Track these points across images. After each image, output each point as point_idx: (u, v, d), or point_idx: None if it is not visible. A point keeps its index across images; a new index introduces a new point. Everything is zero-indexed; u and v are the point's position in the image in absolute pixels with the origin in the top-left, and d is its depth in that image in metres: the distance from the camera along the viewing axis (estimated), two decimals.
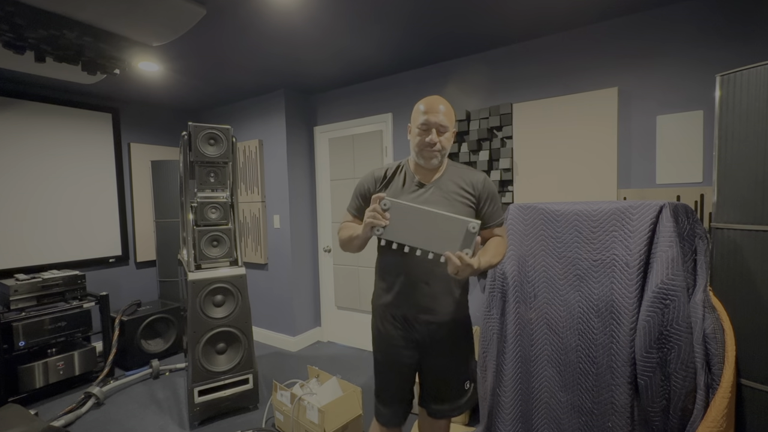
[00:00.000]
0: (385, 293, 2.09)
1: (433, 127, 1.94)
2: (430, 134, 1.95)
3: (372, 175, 2.13)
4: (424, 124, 1.95)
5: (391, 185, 2.07)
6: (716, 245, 2.30)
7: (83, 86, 4.49)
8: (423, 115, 1.95)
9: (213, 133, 3.48)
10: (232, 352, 3.48)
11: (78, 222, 4.83)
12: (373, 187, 2.09)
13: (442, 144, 1.97)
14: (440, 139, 1.96)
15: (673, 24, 3.05)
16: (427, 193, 2.01)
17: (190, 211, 3.51)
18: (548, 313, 2.40)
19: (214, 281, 3.41)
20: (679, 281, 2.01)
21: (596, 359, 2.18)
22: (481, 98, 3.92)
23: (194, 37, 3.31)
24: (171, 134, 5.80)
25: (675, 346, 1.97)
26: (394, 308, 2.05)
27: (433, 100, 1.97)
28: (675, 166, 3.05)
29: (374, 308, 2.17)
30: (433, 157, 1.99)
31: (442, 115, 1.95)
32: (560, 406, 2.32)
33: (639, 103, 3.18)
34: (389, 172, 2.11)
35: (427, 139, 1.95)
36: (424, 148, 1.97)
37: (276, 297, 5.22)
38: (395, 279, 2.03)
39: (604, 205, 2.29)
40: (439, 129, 1.95)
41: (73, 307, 4.04)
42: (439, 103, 1.97)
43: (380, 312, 2.12)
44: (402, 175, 2.09)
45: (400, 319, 2.06)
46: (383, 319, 2.10)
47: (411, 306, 2.01)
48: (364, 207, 2.06)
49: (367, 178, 2.13)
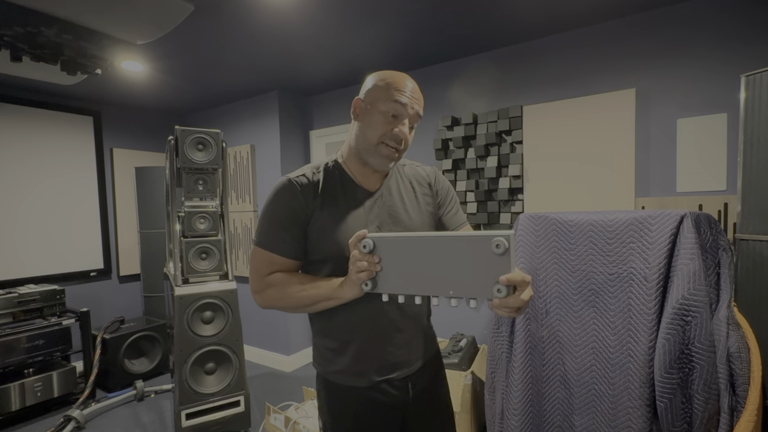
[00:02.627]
0: (335, 355, 1.54)
1: (408, 116, 1.47)
2: (403, 125, 1.47)
3: (295, 187, 1.48)
4: (400, 107, 1.45)
5: (327, 197, 1.50)
6: (741, 258, 2.30)
7: (62, 87, 4.52)
8: (394, 96, 1.45)
9: (201, 137, 3.50)
10: (222, 372, 3.48)
11: (56, 233, 4.86)
12: (305, 204, 1.47)
13: (407, 143, 1.51)
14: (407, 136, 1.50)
15: (694, 20, 3.06)
16: (378, 206, 1.55)
17: (176, 222, 3.53)
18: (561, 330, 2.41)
19: (203, 296, 3.42)
20: (701, 296, 2.02)
21: (612, 380, 2.19)
22: (489, 100, 3.94)
23: (181, 35, 3.34)
24: (156, 139, 5.83)
25: (697, 365, 1.97)
26: (354, 376, 1.53)
27: (405, 78, 1.50)
28: (697, 173, 3.07)
29: (321, 378, 1.62)
30: (392, 159, 1.50)
31: (419, 106, 1.51)
32: (574, 430, 2.32)
33: (658, 106, 3.20)
34: (317, 178, 1.52)
35: (396, 130, 1.46)
36: (385, 142, 1.47)
37: (269, 313, 5.21)
38: (352, 334, 1.52)
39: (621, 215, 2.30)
40: (414, 121, 1.51)
41: (51, 324, 4.04)
42: (412, 83, 1.51)
43: (332, 384, 1.58)
44: (336, 181, 1.54)
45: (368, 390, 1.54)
46: (338, 396, 1.57)
47: (380, 367, 1.53)
48: (301, 240, 1.50)
49: (291, 194, 1.48)
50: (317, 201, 1.48)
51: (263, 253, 1.49)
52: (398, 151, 1.49)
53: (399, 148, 1.48)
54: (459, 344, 3.48)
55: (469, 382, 3.13)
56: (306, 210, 1.47)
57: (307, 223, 1.48)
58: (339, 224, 1.45)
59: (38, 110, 4.74)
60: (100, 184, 5.23)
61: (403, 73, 1.51)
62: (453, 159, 4.04)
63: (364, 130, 1.49)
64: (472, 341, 3.62)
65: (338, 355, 1.53)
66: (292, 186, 1.48)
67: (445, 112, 4.17)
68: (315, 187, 1.49)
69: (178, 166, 3.48)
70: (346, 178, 1.55)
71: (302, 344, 5.26)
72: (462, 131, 3.94)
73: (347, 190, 1.53)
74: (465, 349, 3.42)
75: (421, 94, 1.53)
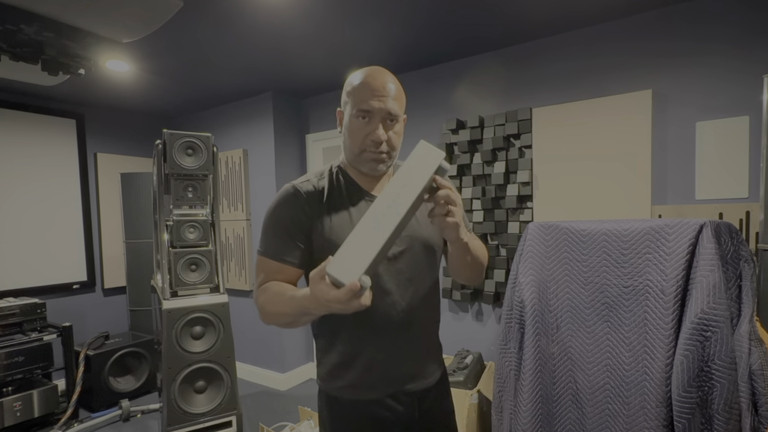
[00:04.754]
0: (344, 369, 1.55)
1: (380, 116, 1.46)
2: (376, 128, 1.47)
3: (300, 194, 1.53)
4: (365, 112, 1.46)
5: (332, 204, 1.54)
6: (764, 269, 2.31)
7: (43, 88, 4.52)
8: (359, 102, 1.47)
9: (191, 141, 3.51)
10: (212, 391, 3.48)
11: (37, 243, 4.87)
12: (310, 212, 1.52)
13: (392, 142, 1.51)
14: (389, 134, 1.50)
15: (715, 17, 3.07)
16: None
17: (164, 231, 3.54)
18: (572, 346, 2.41)
19: (193, 310, 3.42)
20: (721, 310, 2.02)
21: (627, 399, 2.19)
22: (497, 102, 3.96)
23: (170, 33, 3.36)
24: (143, 143, 5.86)
25: (717, 384, 1.98)
26: (363, 389, 1.55)
27: (378, 73, 1.50)
28: (717, 179, 3.08)
29: (325, 394, 1.63)
30: (380, 162, 1.52)
31: (392, 99, 1.47)
32: None
33: (676, 108, 3.21)
34: (322, 184, 1.58)
35: (371, 136, 1.47)
36: (366, 149, 1.50)
37: (263, 328, 5.22)
38: (360, 346, 1.54)
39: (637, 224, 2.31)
40: (388, 119, 1.48)
41: (31, 340, 4.05)
42: (386, 77, 1.50)
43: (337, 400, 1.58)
44: (341, 187, 1.59)
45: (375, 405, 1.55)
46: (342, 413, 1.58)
47: (392, 379, 1.56)
48: (306, 249, 1.53)
49: (295, 202, 1.52)
50: (322, 208, 1.52)
51: (264, 260, 1.53)
52: (383, 153, 1.50)
53: (383, 151, 1.50)
54: (464, 361, 3.48)
55: (475, 401, 3.13)
56: (311, 218, 1.51)
57: (312, 230, 1.51)
58: (345, 231, 1.39)
59: (17, 113, 4.76)
60: (84, 191, 5.24)
61: (373, 69, 1.52)
62: (458, 164, 4.05)
63: (347, 141, 1.55)
64: (478, 358, 3.63)
65: (347, 369, 1.54)
66: (297, 193, 1.52)
67: (449, 114, 4.19)
68: (320, 194, 1.54)
69: (166, 172, 3.49)
70: (351, 183, 1.60)
71: (298, 361, 5.26)
72: (467, 135, 3.96)
73: (352, 195, 1.57)
74: (471, 366, 3.42)
75: (396, 84, 1.52)
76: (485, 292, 3.87)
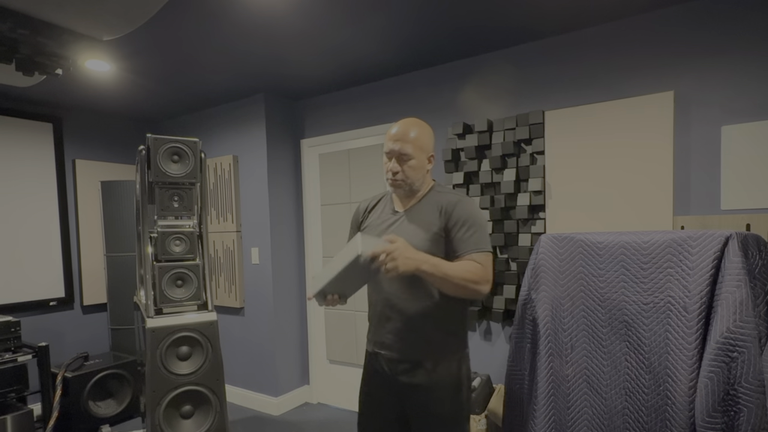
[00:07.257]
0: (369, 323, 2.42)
1: (394, 155, 2.22)
2: (389, 162, 2.24)
3: (362, 203, 2.55)
4: (386, 152, 2.25)
5: (371, 215, 2.46)
6: None
7: (17, 90, 4.53)
8: (386, 141, 2.25)
9: (177, 147, 3.52)
10: (200, 416, 3.48)
11: (11, 257, 4.87)
12: (358, 219, 2.52)
13: (405, 174, 2.21)
14: (403, 167, 2.20)
15: (741, 14, 3.06)
16: (396, 223, 2.29)
17: (148, 244, 3.54)
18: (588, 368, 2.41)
19: (179, 329, 3.42)
20: (749, 329, 2.03)
21: (647, 425, 2.19)
22: (507, 105, 3.96)
23: (154, 30, 3.36)
24: (125, 149, 5.88)
25: (744, 408, 1.98)
26: (368, 341, 2.41)
27: (401, 125, 2.25)
28: (744, 187, 3.08)
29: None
30: (396, 187, 2.27)
31: (403, 143, 2.19)
32: None
33: (700, 111, 3.21)
34: (375, 201, 2.51)
35: (389, 169, 2.24)
36: (388, 178, 2.26)
37: (254, 349, 5.22)
38: (371, 310, 2.38)
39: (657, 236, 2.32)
40: (401, 157, 2.20)
41: (5, 361, 4.03)
42: (407, 127, 2.23)
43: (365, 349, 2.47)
44: (383, 203, 2.46)
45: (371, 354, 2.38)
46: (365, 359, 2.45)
47: (376, 341, 2.33)
48: None
49: (358, 208, 2.56)
50: (364, 216, 2.49)
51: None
52: (396, 180, 2.23)
53: (397, 179, 2.22)
54: (472, 384, 3.47)
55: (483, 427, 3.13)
56: (357, 223, 2.51)
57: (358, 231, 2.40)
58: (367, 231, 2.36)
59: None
60: (61, 200, 5.24)
61: (406, 120, 2.29)
62: (464, 172, 4.05)
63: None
64: (487, 380, 3.62)
65: (369, 323, 2.40)
66: (357, 207, 2.56)
67: (455, 118, 4.20)
68: (367, 207, 2.50)
69: (150, 179, 3.49)
70: (389, 201, 2.42)
71: (292, 384, 5.26)
72: (475, 140, 3.96)
73: (385, 209, 2.40)
74: (478, 389, 3.41)
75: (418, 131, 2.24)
76: (494, 310, 3.85)
